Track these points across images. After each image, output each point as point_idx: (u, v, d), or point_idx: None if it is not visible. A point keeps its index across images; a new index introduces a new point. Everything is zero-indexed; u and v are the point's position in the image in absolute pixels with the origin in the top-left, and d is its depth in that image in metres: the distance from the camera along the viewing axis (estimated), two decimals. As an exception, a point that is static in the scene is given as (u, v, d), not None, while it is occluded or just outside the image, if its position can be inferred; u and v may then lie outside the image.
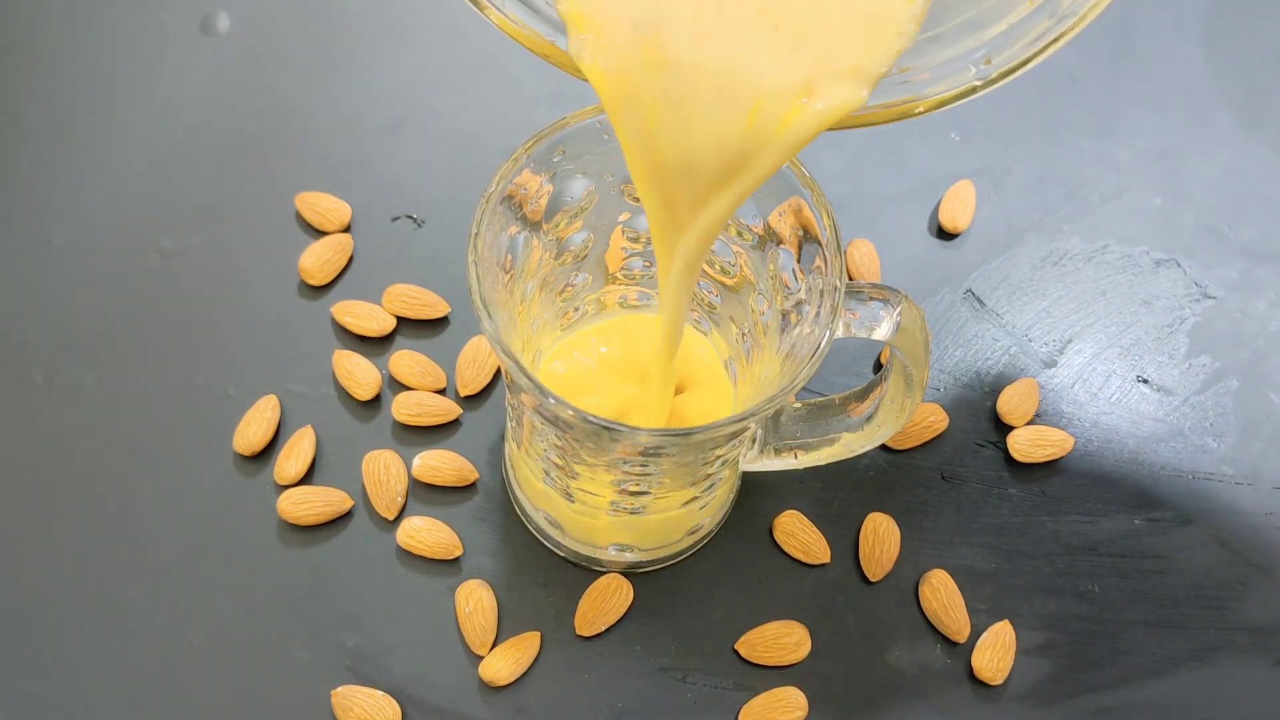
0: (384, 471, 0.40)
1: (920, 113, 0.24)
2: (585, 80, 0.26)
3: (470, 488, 0.41)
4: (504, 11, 0.25)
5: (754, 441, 0.38)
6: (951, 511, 0.42)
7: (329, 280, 0.44)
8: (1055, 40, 0.23)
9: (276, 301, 0.44)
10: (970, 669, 0.39)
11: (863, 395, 0.37)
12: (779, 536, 0.41)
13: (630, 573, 0.40)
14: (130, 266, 0.44)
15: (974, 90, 0.24)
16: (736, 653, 0.39)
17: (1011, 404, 0.43)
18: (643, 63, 0.24)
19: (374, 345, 0.43)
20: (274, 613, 0.39)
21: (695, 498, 0.36)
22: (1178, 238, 0.48)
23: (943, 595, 0.40)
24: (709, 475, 0.34)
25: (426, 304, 0.43)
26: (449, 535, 0.40)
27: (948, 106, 0.24)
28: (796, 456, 0.38)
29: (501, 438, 0.42)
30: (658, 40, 0.24)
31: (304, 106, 0.48)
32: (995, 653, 0.39)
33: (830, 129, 0.25)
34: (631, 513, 0.34)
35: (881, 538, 0.41)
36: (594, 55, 0.25)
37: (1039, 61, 0.23)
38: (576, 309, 0.37)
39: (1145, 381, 0.45)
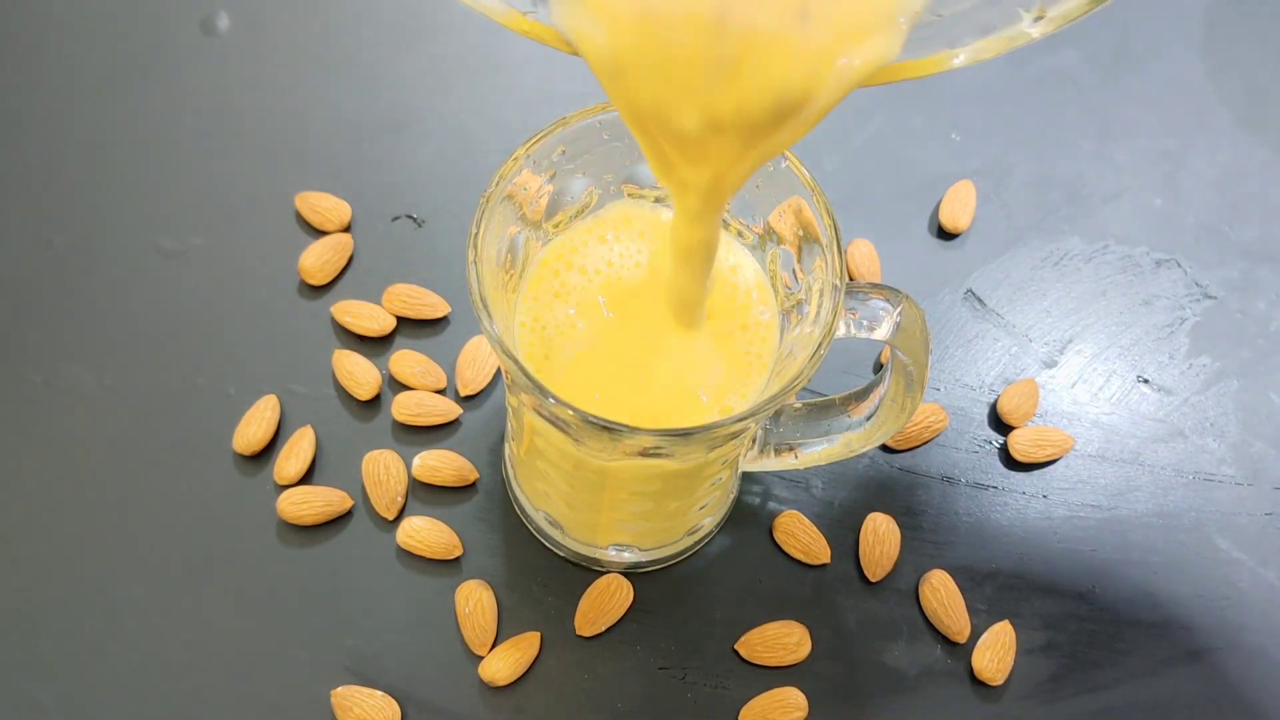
0: (384, 471, 0.40)
1: (960, 63, 0.22)
2: (571, 52, 0.24)
3: (470, 488, 0.41)
4: None
5: (754, 441, 0.38)
6: (951, 511, 0.42)
7: (329, 280, 0.44)
8: None
9: (276, 301, 0.44)
10: (970, 669, 0.39)
11: (863, 395, 0.37)
12: (779, 536, 0.41)
13: (630, 573, 0.40)
14: (130, 266, 0.44)
15: (1027, 38, 0.21)
16: (736, 653, 0.39)
17: (1011, 404, 0.43)
18: (645, 32, 0.22)
19: (374, 345, 0.43)
20: (274, 612, 0.39)
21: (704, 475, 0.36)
22: (1178, 238, 0.48)
23: (943, 595, 0.40)
24: (709, 475, 0.34)
25: (426, 304, 0.43)
26: (449, 535, 0.40)
27: (995, 56, 0.21)
28: (796, 456, 0.38)
29: (501, 438, 0.42)
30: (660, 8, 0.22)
31: (304, 106, 0.48)
32: (995, 653, 0.39)
33: (863, 85, 0.23)
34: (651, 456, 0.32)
35: (881, 538, 0.41)
36: (595, 23, 0.22)
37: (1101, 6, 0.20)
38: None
39: (1145, 381, 0.45)
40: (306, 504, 0.40)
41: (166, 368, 0.42)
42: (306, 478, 0.41)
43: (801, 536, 0.41)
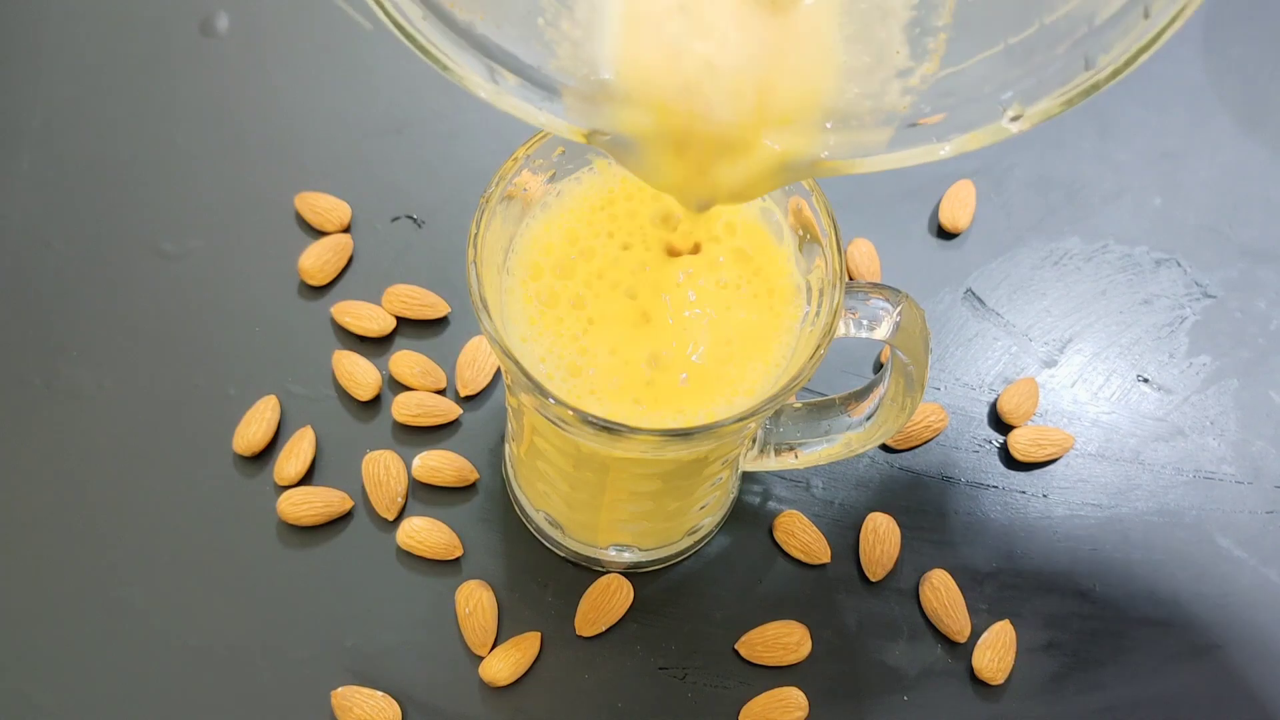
0: (384, 472, 0.40)
1: (946, 154, 0.24)
2: (585, 141, 0.26)
3: (470, 488, 0.41)
4: (498, 83, 0.25)
5: (754, 441, 0.38)
6: (951, 511, 0.42)
7: (329, 280, 0.44)
8: (1093, 88, 0.22)
9: (276, 301, 0.44)
10: (971, 669, 0.39)
11: (863, 395, 0.37)
12: (779, 536, 0.41)
13: (630, 573, 0.40)
14: (130, 268, 0.44)
15: (1008, 134, 0.23)
16: (736, 653, 0.39)
17: (1011, 403, 0.43)
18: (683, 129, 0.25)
19: (374, 345, 0.43)
20: (274, 613, 0.39)
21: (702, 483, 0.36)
22: (1178, 237, 0.48)
23: (943, 595, 0.40)
24: (709, 475, 0.34)
25: (426, 304, 0.43)
26: (449, 535, 0.40)
27: (979, 148, 0.24)
28: (797, 456, 0.38)
29: (501, 438, 0.42)
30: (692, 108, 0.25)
31: (304, 107, 0.48)
32: (996, 652, 0.39)
33: (843, 174, 0.26)
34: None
35: (881, 538, 0.41)
36: (639, 127, 0.25)
37: (1072, 107, 0.23)
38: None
39: (1145, 381, 0.45)
40: (306, 504, 0.40)
41: (166, 369, 0.42)
42: (306, 478, 0.41)
43: (801, 536, 0.41)
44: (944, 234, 0.47)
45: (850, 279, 0.43)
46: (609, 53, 0.24)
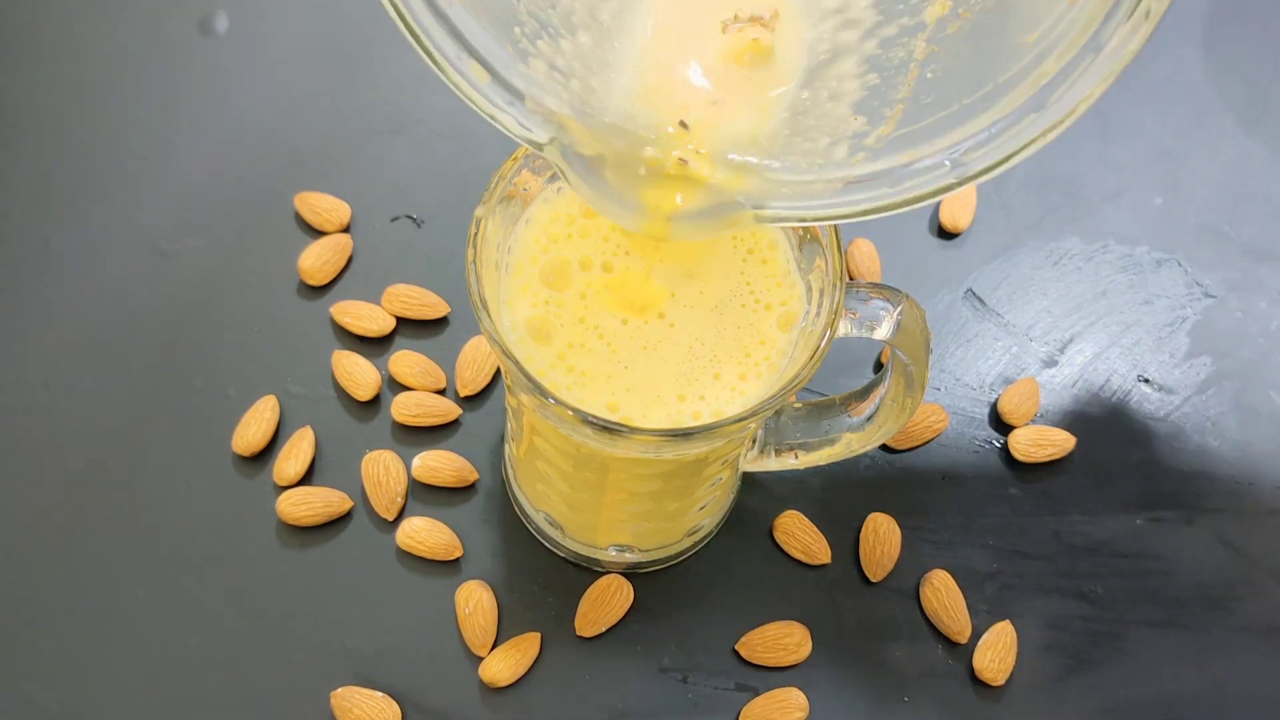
0: (383, 472, 0.40)
1: (893, 205, 0.25)
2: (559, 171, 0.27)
3: (470, 488, 0.41)
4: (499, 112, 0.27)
5: (754, 441, 0.38)
6: (952, 511, 0.42)
7: (328, 280, 0.44)
8: (1032, 143, 0.24)
9: (276, 301, 0.44)
10: (971, 669, 0.39)
11: (863, 395, 0.37)
12: (779, 536, 0.41)
13: (630, 573, 0.40)
14: (129, 267, 0.44)
15: (952, 189, 0.25)
16: (736, 653, 0.39)
17: (1012, 404, 0.43)
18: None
19: (373, 345, 0.43)
20: (273, 613, 0.39)
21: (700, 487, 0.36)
22: (1178, 237, 0.48)
23: (944, 595, 0.40)
24: (709, 475, 0.34)
25: (426, 304, 0.43)
26: (449, 536, 0.40)
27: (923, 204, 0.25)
28: (797, 456, 0.38)
29: (501, 438, 0.42)
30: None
31: (304, 106, 0.48)
32: (996, 653, 0.39)
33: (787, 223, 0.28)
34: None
35: (882, 538, 0.41)
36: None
37: (1016, 162, 0.25)
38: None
39: (1146, 381, 0.45)
40: (306, 505, 0.40)
41: (165, 368, 0.42)
42: (306, 478, 0.41)
43: (801, 536, 0.41)
44: (944, 234, 0.47)
45: (850, 279, 0.43)
46: (622, 84, 0.26)
